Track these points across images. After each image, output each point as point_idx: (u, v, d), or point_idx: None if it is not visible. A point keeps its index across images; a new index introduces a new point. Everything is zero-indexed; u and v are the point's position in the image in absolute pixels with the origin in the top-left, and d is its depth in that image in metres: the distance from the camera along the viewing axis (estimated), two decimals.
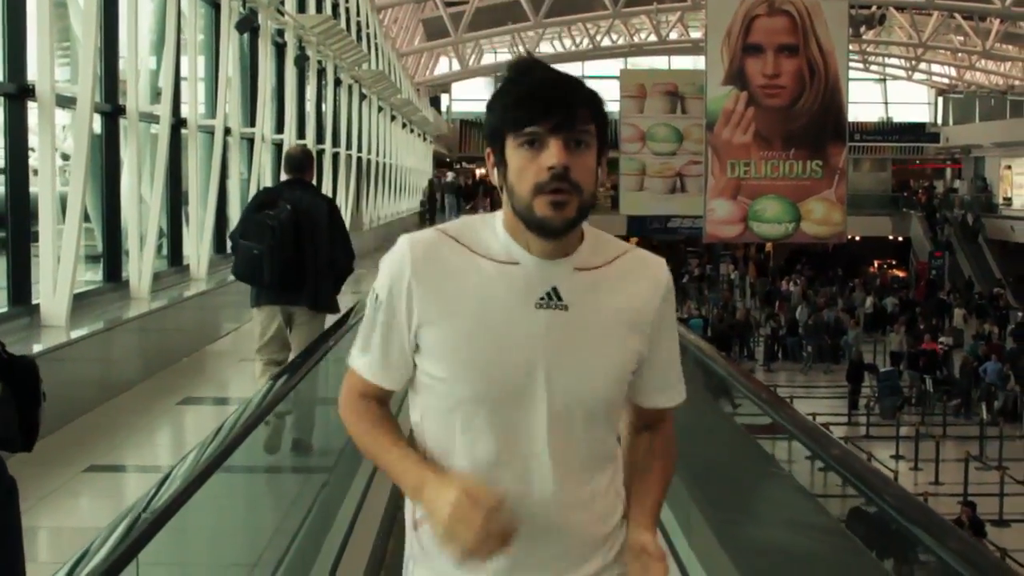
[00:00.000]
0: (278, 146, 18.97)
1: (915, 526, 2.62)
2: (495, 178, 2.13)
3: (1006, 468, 20.13)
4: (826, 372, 30.93)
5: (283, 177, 7.82)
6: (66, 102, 9.81)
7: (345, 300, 7.84)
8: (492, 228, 2.14)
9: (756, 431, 5.01)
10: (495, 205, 3.39)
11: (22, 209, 9.17)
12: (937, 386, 27.67)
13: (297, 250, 7.06)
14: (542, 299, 2.07)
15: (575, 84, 2.11)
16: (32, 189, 9.31)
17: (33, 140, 9.44)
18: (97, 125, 10.55)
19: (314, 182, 7.80)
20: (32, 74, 9.22)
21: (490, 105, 2.14)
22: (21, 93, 9.08)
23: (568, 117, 2.04)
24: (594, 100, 2.10)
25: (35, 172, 9.38)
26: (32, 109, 9.29)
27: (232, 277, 7.95)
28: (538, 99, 2.05)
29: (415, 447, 2.20)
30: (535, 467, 2.11)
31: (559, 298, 2.07)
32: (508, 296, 2.08)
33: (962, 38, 46.81)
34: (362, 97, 29.12)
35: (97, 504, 6.69)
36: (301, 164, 7.49)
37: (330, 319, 7.43)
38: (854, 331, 31.64)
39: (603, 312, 2.11)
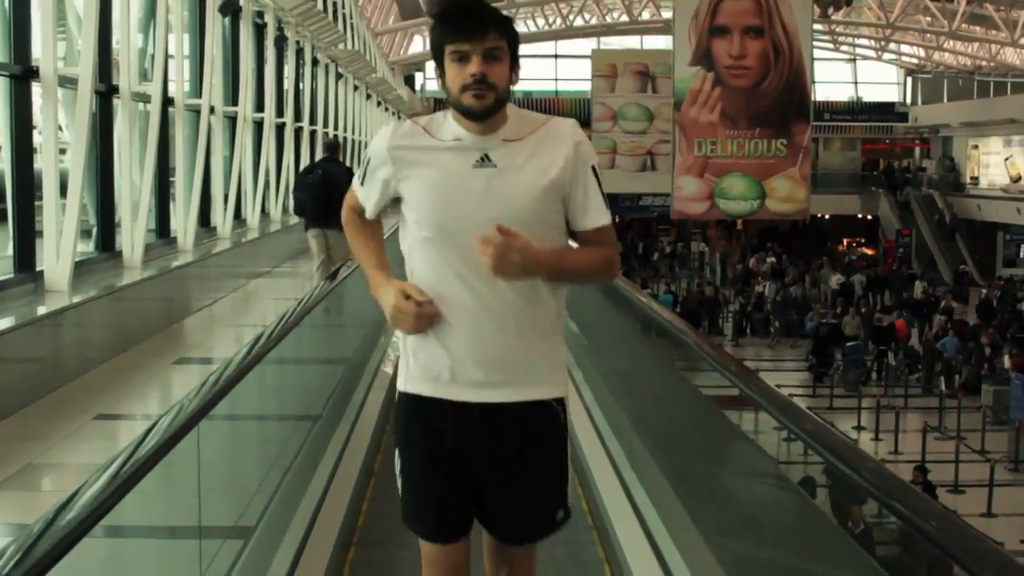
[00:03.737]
0: (258, 124, 19.50)
1: (891, 499, 2.68)
2: (439, 84, 3.00)
3: (963, 438, 20.78)
4: (792, 347, 31.60)
5: (319, 155, 12.29)
6: (65, 81, 10.35)
7: None
8: (446, 118, 3.03)
9: (723, 403, 5.22)
10: None
11: (27, 183, 9.76)
12: (900, 361, 28.37)
13: (326, 197, 10.91)
14: (477, 162, 2.96)
15: (488, 11, 2.93)
16: (35, 165, 9.91)
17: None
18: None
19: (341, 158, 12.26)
20: (35, 55, 9.73)
21: (430, 31, 3.02)
22: (26, 74, 9.62)
23: (483, 37, 2.89)
24: (502, 22, 2.95)
25: (37, 149, 9.97)
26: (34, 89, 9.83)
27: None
28: (462, 27, 2.89)
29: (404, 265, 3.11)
30: (482, 280, 2.95)
31: (490, 160, 2.96)
32: (456, 162, 2.97)
33: (930, 19, 47.18)
34: (338, 76, 29.58)
35: (106, 445, 7.36)
36: (330, 147, 12.23)
37: None
38: (817, 309, 32.22)
39: (524, 166, 2.98)
